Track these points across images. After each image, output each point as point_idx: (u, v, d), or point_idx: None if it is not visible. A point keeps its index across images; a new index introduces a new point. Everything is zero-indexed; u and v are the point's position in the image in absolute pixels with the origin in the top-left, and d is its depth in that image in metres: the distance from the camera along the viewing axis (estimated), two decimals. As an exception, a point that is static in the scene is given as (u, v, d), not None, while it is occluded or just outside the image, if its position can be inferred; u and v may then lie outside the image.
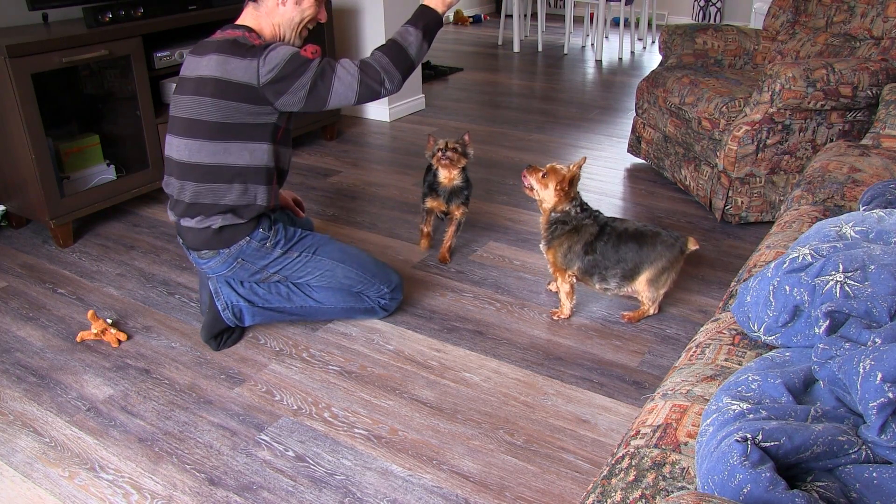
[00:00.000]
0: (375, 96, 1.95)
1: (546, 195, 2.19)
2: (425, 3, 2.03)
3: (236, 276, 2.09)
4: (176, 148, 1.97)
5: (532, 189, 2.22)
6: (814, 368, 1.04)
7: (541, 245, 2.25)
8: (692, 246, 2.15)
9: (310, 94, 1.89)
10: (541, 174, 2.20)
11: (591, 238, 2.15)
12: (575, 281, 2.24)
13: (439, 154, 2.48)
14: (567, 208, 2.17)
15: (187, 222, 2.01)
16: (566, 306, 2.26)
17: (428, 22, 2.00)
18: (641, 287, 2.16)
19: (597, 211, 2.22)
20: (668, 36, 3.46)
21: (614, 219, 2.21)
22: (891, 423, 0.89)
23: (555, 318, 2.28)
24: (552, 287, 2.41)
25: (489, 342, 2.16)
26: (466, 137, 2.54)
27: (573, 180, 2.15)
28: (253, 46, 1.88)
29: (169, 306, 2.37)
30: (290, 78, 1.86)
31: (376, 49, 1.97)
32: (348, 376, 2.01)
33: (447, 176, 2.53)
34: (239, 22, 1.99)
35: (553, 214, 2.20)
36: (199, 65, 1.91)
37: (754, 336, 1.25)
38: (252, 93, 1.87)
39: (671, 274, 2.15)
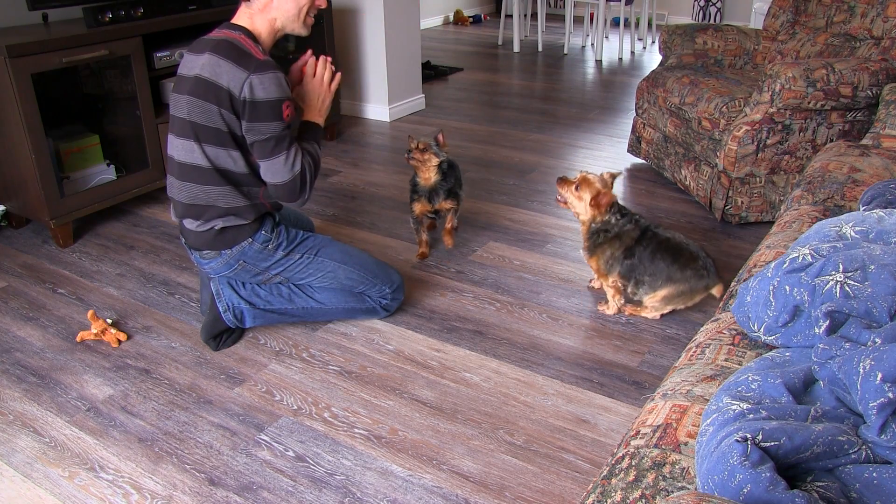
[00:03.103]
0: (291, 197, 2.00)
1: (581, 208, 2.19)
2: (308, 119, 2.12)
3: (238, 277, 2.09)
4: (175, 148, 1.97)
5: (566, 203, 2.23)
6: (814, 368, 1.04)
7: (582, 252, 2.26)
8: (716, 292, 2.14)
9: (263, 142, 1.90)
10: (574, 186, 2.18)
11: (631, 243, 2.15)
12: (621, 285, 2.24)
13: (406, 156, 2.52)
14: (606, 217, 2.16)
15: (189, 224, 2.01)
16: (612, 304, 2.28)
17: (319, 137, 2.12)
18: (656, 299, 2.17)
19: (637, 214, 2.20)
20: (668, 36, 3.46)
21: (657, 226, 2.19)
22: (891, 423, 0.89)
23: (600, 309, 2.30)
24: (595, 284, 2.41)
25: (489, 342, 2.16)
26: (440, 137, 2.55)
27: (605, 198, 2.13)
28: (249, 56, 1.86)
29: (169, 306, 2.37)
30: (263, 118, 1.87)
31: (310, 158, 2.02)
32: (348, 376, 2.01)
33: (424, 176, 2.56)
34: (234, 21, 1.97)
35: (593, 225, 2.19)
36: (195, 63, 1.91)
37: (754, 336, 1.25)
38: (233, 100, 1.86)
39: (685, 301, 2.16)
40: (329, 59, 2.13)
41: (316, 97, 2.11)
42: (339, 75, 2.14)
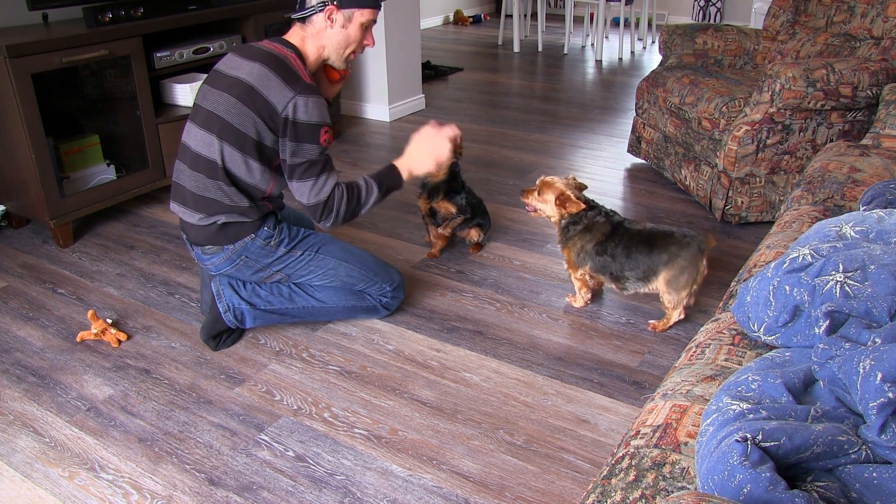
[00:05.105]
0: (314, 219, 2.04)
1: (549, 210, 2.23)
2: (397, 164, 2.12)
3: (239, 274, 2.09)
4: (194, 137, 1.98)
5: (536, 210, 2.27)
6: (814, 368, 1.04)
7: (558, 245, 2.29)
8: (710, 243, 2.08)
9: (297, 165, 1.93)
10: (535, 192, 2.24)
11: (602, 238, 2.15)
12: (589, 279, 2.26)
13: None
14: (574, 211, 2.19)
15: (190, 218, 2.01)
16: (579, 297, 2.31)
17: (391, 186, 2.11)
18: (661, 288, 2.12)
19: (612, 211, 2.21)
20: (668, 36, 3.46)
21: (631, 221, 2.19)
22: (891, 423, 0.89)
23: (567, 300, 2.34)
24: (572, 301, 2.42)
25: (489, 342, 2.16)
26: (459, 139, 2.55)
27: (569, 199, 2.16)
28: (297, 77, 1.90)
29: (169, 306, 2.37)
30: (301, 139, 1.91)
31: (346, 190, 2.01)
32: (348, 376, 2.01)
33: (434, 173, 2.55)
34: (286, 38, 2.02)
35: (563, 221, 2.22)
36: (241, 66, 1.93)
37: (754, 336, 1.25)
38: (272, 114, 1.90)
39: (691, 274, 2.07)
40: (460, 138, 2.18)
41: (424, 149, 2.11)
42: (457, 156, 2.17)
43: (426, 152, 2.11)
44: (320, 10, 1.96)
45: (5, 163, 2.71)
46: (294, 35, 2.02)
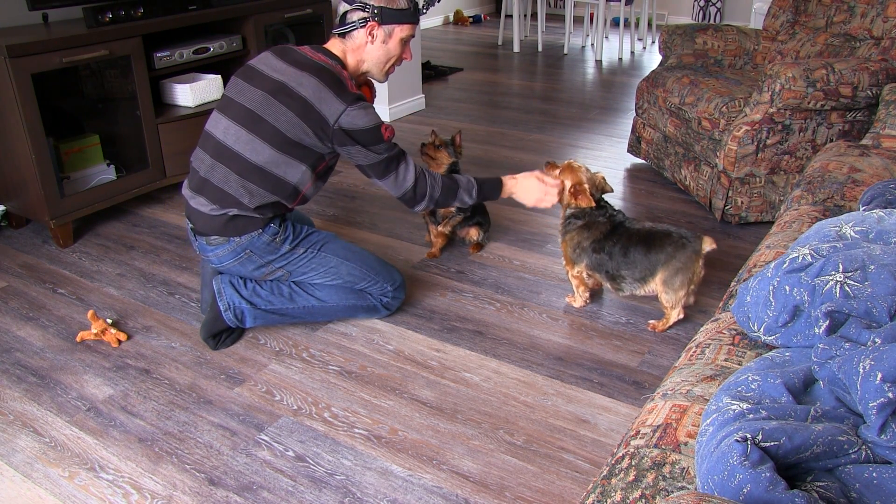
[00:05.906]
0: (408, 206, 2.14)
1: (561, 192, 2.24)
2: (504, 180, 2.21)
3: (241, 268, 2.09)
4: (224, 129, 1.99)
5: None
6: (814, 368, 1.04)
7: (558, 234, 2.30)
8: (707, 246, 2.05)
9: (376, 165, 2.02)
10: (557, 171, 2.24)
11: (600, 236, 2.15)
12: (586, 276, 2.26)
13: (420, 149, 2.59)
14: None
15: (202, 206, 2.01)
16: (577, 296, 2.31)
17: (490, 192, 2.21)
18: (659, 288, 2.11)
19: (617, 210, 2.21)
20: (668, 36, 3.46)
21: (631, 220, 2.18)
22: (891, 423, 0.89)
23: (567, 300, 2.34)
24: (571, 301, 2.43)
25: (489, 342, 2.16)
26: (458, 138, 2.59)
27: (583, 192, 2.16)
28: (346, 89, 1.95)
29: (169, 306, 2.37)
30: (368, 143, 1.97)
31: (444, 176, 2.13)
32: (348, 376, 2.01)
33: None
34: (328, 48, 2.05)
35: (568, 210, 2.23)
36: (286, 71, 1.95)
37: (754, 336, 1.25)
38: (324, 126, 1.93)
39: (687, 275, 2.06)
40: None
41: (534, 186, 2.19)
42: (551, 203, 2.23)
43: (535, 189, 2.20)
44: (361, 26, 2.01)
45: (5, 163, 2.71)
46: (335, 47, 2.06)
